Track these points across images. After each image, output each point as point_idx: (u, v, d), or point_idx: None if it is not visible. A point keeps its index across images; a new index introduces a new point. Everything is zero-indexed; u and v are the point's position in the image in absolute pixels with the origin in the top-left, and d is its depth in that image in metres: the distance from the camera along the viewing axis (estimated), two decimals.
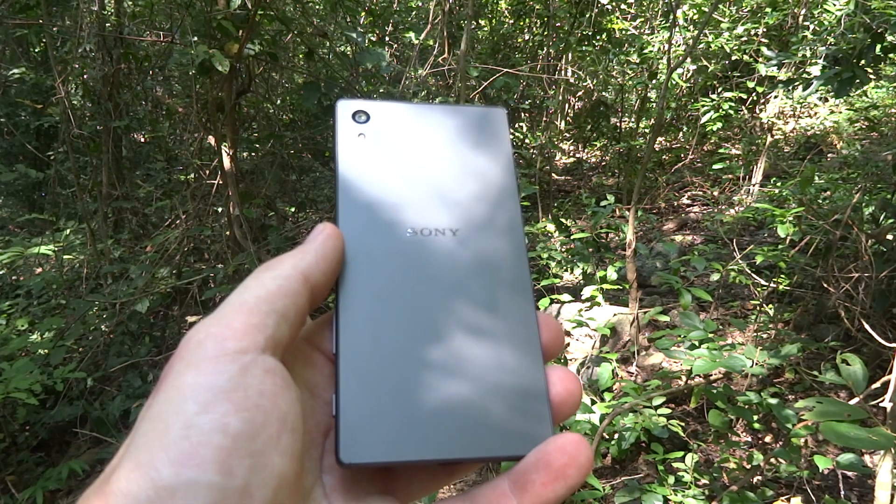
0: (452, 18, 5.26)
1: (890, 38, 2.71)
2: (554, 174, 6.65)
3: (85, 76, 4.02)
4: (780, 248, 2.91)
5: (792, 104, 6.09)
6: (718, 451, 2.40)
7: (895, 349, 1.60)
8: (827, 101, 6.35)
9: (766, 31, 5.60)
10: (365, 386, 0.29)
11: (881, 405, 1.43)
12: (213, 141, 3.36)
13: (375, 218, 0.33)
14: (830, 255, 2.72)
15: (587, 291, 2.85)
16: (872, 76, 3.49)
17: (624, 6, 6.23)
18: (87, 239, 3.88)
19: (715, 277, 2.83)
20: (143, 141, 5.21)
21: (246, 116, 4.53)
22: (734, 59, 5.71)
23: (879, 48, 2.57)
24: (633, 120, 7.13)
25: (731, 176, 5.84)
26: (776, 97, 5.71)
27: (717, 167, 5.42)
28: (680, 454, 2.19)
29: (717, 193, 5.90)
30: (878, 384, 1.58)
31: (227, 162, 3.23)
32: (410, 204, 0.34)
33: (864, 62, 2.59)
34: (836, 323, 2.96)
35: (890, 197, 2.93)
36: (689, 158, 6.52)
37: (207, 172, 3.63)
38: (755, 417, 2.14)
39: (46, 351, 2.79)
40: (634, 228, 3.09)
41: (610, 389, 2.61)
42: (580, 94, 7.58)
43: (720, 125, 5.40)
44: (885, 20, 2.64)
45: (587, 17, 5.65)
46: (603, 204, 3.30)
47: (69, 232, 4.15)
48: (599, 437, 1.98)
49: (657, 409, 2.25)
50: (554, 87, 6.09)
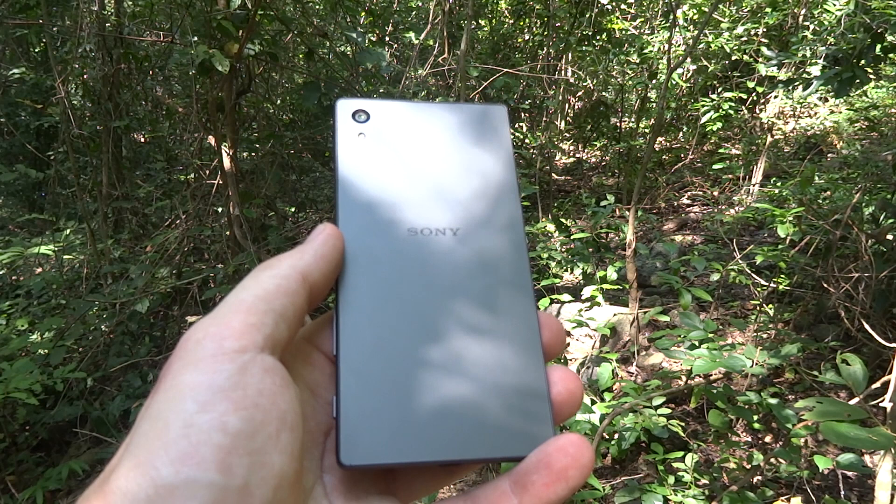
0: (452, 18, 5.26)
1: (890, 38, 2.71)
2: (554, 174, 6.65)
3: (85, 76, 4.02)
4: (780, 248, 2.91)
5: (792, 104, 6.09)
6: (718, 451, 2.40)
7: (895, 349, 1.60)
8: (827, 101, 6.35)
9: (766, 31, 5.60)
10: (365, 387, 0.29)
11: (881, 405, 1.43)
12: (213, 141, 3.36)
13: (376, 218, 0.33)
14: (830, 255, 2.72)
15: (587, 291, 2.86)
16: (872, 76, 3.49)
17: (624, 6, 6.23)
18: (87, 239, 3.88)
19: (715, 277, 2.83)
20: (143, 141, 5.21)
21: (246, 116, 4.52)
22: (734, 59, 5.71)
23: (879, 48, 2.57)
24: (633, 120, 7.13)
25: (731, 176, 5.84)
26: (776, 97, 5.71)
27: (717, 167, 5.42)
28: (680, 454, 2.19)
29: (717, 193, 5.90)
30: (878, 384, 1.58)
31: (227, 162, 3.23)
32: (411, 203, 0.34)
33: (864, 62, 2.59)
34: (836, 323, 2.96)
35: (890, 197, 2.93)
36: (689, 158, 6.52)
37: (207, 172, 3.63)
38: (755, 417, 2.14)
39: (46, 351, 2.79)
40: (634, 228, 3.09)
41: (610, 389, 2.61)
42: (580, 94, 7.58)
43: (720, 125, 5.40)
44: (885, 20, 2.64)
45: (587, 17, 5.65)
46: (603, 204, 3.30)
47: (69, 232, 4.15)
48: (599, 437, 1.98)
49: (657, 409, 2.25)
50: (554, 87, 6.09)
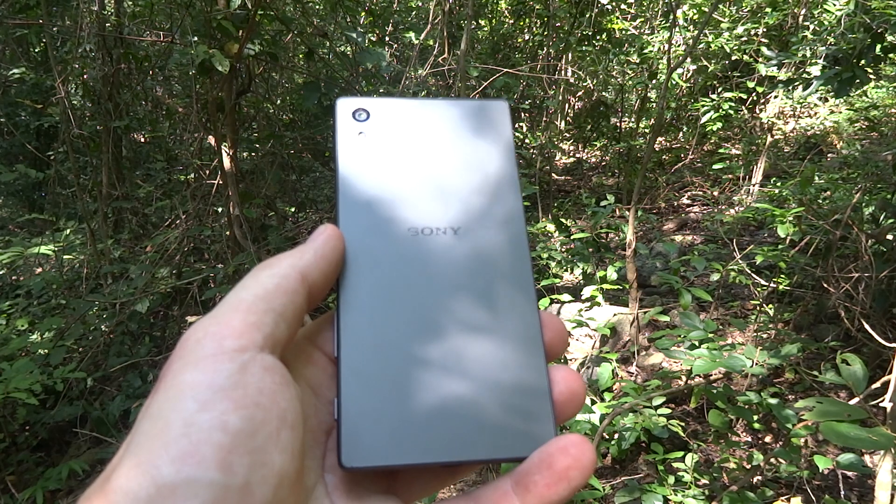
0: (452, 18, 5.26)
1: (890, 38, 2.71)
2: (554, 174, 6.65)
3: (85, 76, 4.02)
4: (780, 248, 2.91)
5: (792, 104, 6.09)
6: (718, 451, 2.40)
7: (895, 349, 1.60)
8: (827, 101, 6.35)
9: (766, 31, 5.60)
10: (366, 389, 0.29)
11: (881, 405, 1.43)
12: (213, 141, 3.36)
13: (377, 217, 0.33)
14: (830, 255, 2.72)
15: (587, 291, 2.86)
16: (872, 76, 3.49)
17: (624, 6, 6.23)
18: (87, 239, 3.88)
19: (715, 277, 2.83)
20: (143, 141, 5.20)
21: (246, 116, 4.52)
22: (734, 59, 5.71)
23: (879, 48, 2.57)
24: (633, 120, 7.13)
25: (731, 176, 5.85)
26: (776, 97, 5.71)
27: (717, 167, 5.43)
28: (680, 454, 2.19)
29: (717, 193, 5.90)
30: (878, 384, 1.58)
31: (227, 162, 3.23)
32: (412, 203, 0.34)
33: (864, 62, 2.59)
34: (836, 323, 2.96)
35: (890, 197, 2.93)
36: (689, 158, 6.52)
37: (207, 172, 3.63)
38: (755, 417, 2.14)
39: (46, 351, 2.79)
40: (634, 228, 3.09)
41: (610, 389, 2.61)
42: (580, 94, 7.58)
43: (720, 125, 5.40)
44: (885, 20, 2.64)
45: (587, 17, 5.65)
46: (603, 204, 3.30)
47: (69, 232, 4.14)
48: (599, 437, 1.98)
49: (657, 409, 2.25)
50: (554, 87, 6.09)
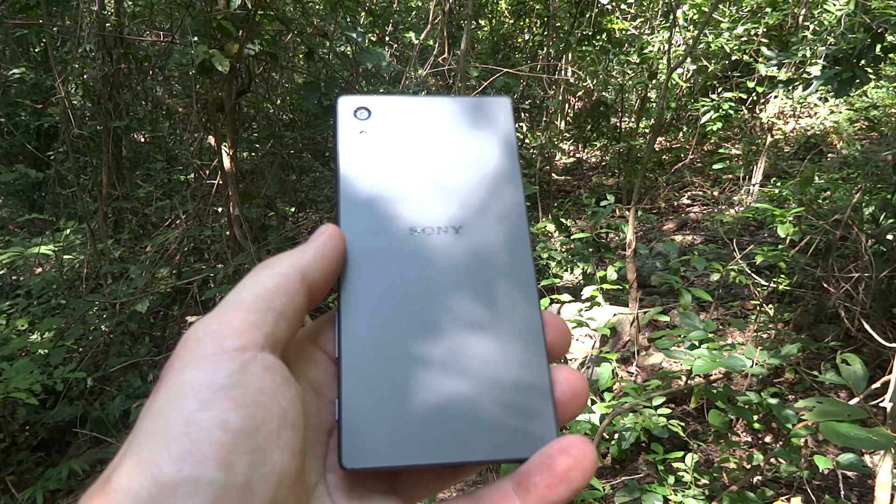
0: (452, 18, 5.26)
1: (890, 38, 2.71)
2: (554, 174, 6.65)
3: (85, 76, 4.02)
4: (780, 248, 2.91)
5: (792, 104, 6.09)
6: (718, 451, 2.40)
7: (895, 349, 1.60)
8: (827, 101, 6.35)
9: (766, 31, 5.60)
10: (367, 389, 0.29)
11: (881, 405, 1.43)
12: (213, 141, 3.36)
13: (378, 217, 0.33)
14: (830, 255, 2.72)
15: (587, 291, 2.86)
16: (872, 76, 3.49)
17: (624, 6, 6.23)
18: (87, 239, 3.88)
19: (715, 277, 2.83)
20: (143, 141, 5.20)
21: (246, 116, 4.52)
22: (734, 59, 5.71)
23: (879, 48, 2.57)
24: (633, 120, 7.14)
25: (731, 176, 5.85)
26: (776, 97, 5.71)
27: (717, 167, 5.43)
28: (680, 454, 2.19)
29: (717, 193, 5.90)
30: (878, 384, 1.58)
31: (227, 162, 3.23)
32: (413, 202, 0.33)
33: (864, 62, 2.59)
34: (836, 323, 2.96)
35: (890, 197, 2.93)
36: (689, 158, 6.52)
37: (207, 172, 3.63)
38: (755, 417, 2.14)
39: (46, 351, 2.79)
40: (634, 228, 3.09)
41: (610, 389, 2.61)
42: (580, 94, 7.58)
43: (720, 125, 5.40)
44: (885, 20, 2.64)
45: (587, 17, 5.65)
46: (603, 204, 3.29)
47: (69, 232, 4.14)
48: (599, 437, 1.98)
49: (657, 409, 2.25)
50: (554, 87, 6.09)
